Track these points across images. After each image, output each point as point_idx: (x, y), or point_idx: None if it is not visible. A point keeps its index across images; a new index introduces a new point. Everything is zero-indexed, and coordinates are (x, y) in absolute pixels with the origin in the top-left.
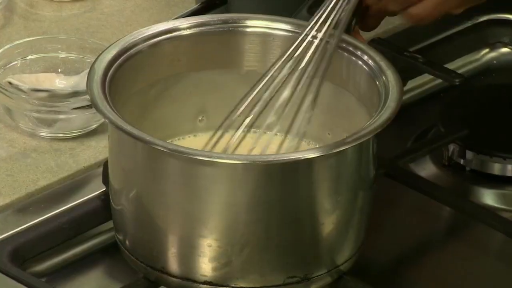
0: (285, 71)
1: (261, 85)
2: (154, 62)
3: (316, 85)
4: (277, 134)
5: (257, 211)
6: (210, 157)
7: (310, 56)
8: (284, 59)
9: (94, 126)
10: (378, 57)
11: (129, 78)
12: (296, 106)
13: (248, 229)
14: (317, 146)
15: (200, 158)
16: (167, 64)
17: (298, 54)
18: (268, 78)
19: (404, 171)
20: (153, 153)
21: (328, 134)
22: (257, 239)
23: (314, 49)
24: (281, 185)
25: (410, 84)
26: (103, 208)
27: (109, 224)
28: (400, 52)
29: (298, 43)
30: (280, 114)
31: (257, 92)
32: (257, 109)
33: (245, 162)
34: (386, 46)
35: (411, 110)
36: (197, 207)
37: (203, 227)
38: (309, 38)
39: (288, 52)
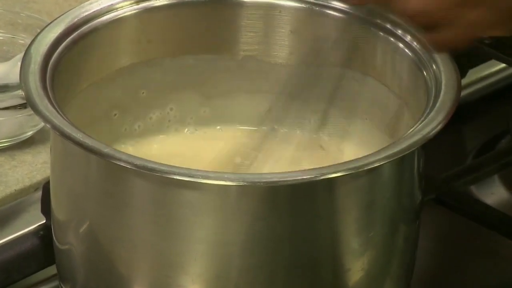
0: None
1: None
2: (114, 45)
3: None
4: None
5: (257, 252)
6: (192, 176)
7: None
8: None
9: (30, 133)
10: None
11: (80, 67)
12: None
13: (245, 277)
14: (341, 162)
15: (178, 177)
16: (132, 47)
17: None
18: None
19: (462, 197)
20: (113, 171)
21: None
22: None
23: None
24: (291, 216)
25: (472, 75)
26: (42, 248)
27: (51, 270)
28: None
29: None
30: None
31: None
32: None
33: (240, 183)
34: None
35: (473, 112)
36: (174, 247)
37: (183, 274)
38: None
39: None
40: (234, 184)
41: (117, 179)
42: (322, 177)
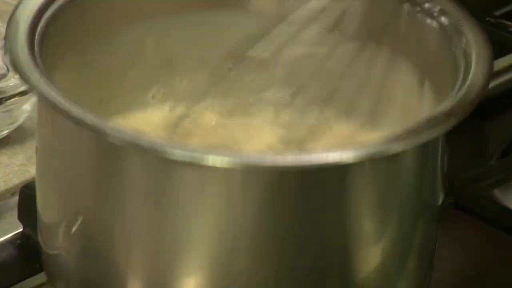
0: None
1: None
2: (105, 11)
3: None
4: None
5: (265, 240)
6: (192, 157)
7: None
8: None
9: (6, 132)
10: (455, 10)
11: (69, 35)
12: None
13: (251, 265)
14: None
15: (172, 157)
16: (123, 14)
17: None
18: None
19: (484, 201)
20: (111, 150)
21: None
22: (264, 280)
23: None
24: (301, 203)
25: (497, 65)
26: (20, 259)
27: (30, 282)
28: (480, 17)
29: None
30: None
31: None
32: None
33: (245, 165)
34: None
35: (497, 107)
36: (173, 236)
37: (185, 264)
38: None
39: None
40: (239, 166)
41: (115, 161)
42: (335, 162)
